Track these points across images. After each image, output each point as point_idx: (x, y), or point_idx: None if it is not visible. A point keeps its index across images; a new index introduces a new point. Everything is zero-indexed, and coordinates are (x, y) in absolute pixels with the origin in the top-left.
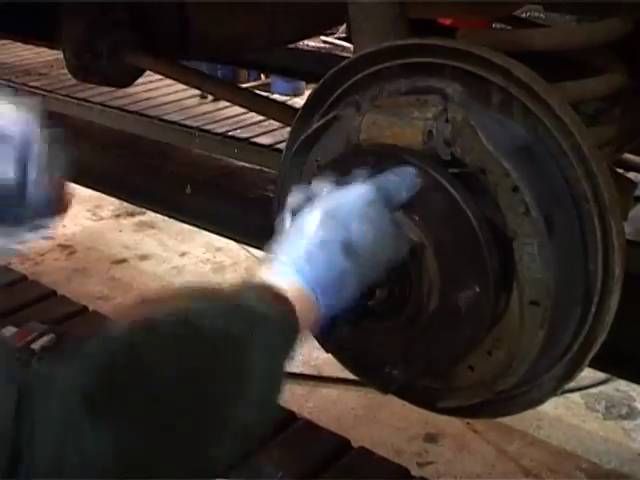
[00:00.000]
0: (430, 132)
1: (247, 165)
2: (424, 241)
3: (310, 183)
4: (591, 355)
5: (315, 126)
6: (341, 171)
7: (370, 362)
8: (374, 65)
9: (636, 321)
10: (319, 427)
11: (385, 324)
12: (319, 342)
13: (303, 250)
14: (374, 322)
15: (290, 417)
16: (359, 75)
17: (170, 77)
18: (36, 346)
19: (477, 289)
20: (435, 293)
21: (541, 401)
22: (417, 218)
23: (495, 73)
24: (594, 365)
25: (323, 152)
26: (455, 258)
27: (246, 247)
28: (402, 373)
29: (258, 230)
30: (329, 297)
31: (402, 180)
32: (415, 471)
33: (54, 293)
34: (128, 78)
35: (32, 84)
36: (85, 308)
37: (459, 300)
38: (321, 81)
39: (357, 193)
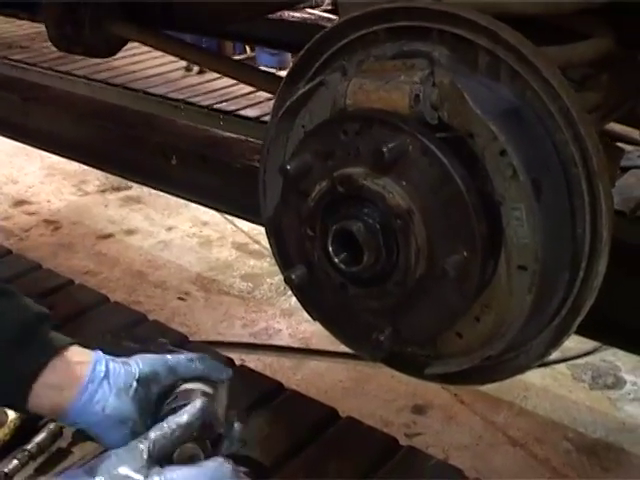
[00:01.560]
0: (417, 96)
1: (233, 135)
2: (411, 206)
3: (296, 149)
4: (579, 320)
5: (301, 91)
6: (327, 136)
7: (358, 329)
8: (360, 30)
9: (623, 289)
10: (307, 397)
11: (372, 290)
12: (305, 309)
13: None
14: (361, 288)
15: (278, 388)
16: (345, 40)
17: (155, 47)
18: None
19: (465, 254)
20: (422, 258)
21: (529, 367)
22: (404, 183)
23: (482, 36)
24: (582, 332)
25: (309, 117)
26: (442, 223)
27: (233, 221)
28: (389, 339)
29: (244, 201)
30: None
31: None
32: (403, 442)
33: (39, 266)
34: (112, 48)
35: (14, 57)
36: (71, 281)
37: (447, 265)
38: (306, 46)
39: None
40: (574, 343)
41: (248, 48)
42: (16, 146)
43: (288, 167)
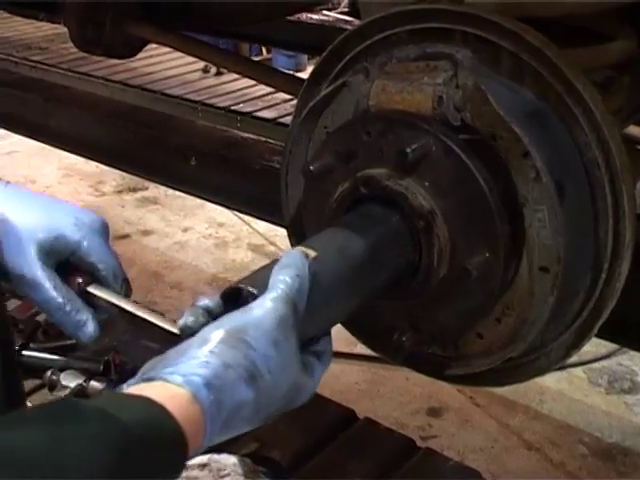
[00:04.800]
0: (440, 98)
1: (252, 136)
2: (434, 207)
3: (319, 150)
4: (600, 322)
5: (324, 93)
6: (350, 137)
7: (379, 330)
8: (383, 31)
9: None
10: (325, 398)
11: (395, 291)
12: None
13: (202, 371)
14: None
15: None
16: (368, 42)
17: (175, 48)
18: (40, 318)
19: (487, 254)
20: (445, 259)
21: (549, 369)
22: (427, 184)
23: (505, 38)
24: (602, 335)
25: (332, 119)
26: (465, 224)
27: (249, 223)
28: (411, 340)
29: (263, 202)
30: (217, 427)
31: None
32: (419, 445)
33: None
34: (131, 49)
35: (33, 58)
36: None
37: (469, 265)
38: (329, 48)
39: (265, 311)
40: (590, 347)
41: (264, 50)
42: (34, 146)
43: (311, 168)
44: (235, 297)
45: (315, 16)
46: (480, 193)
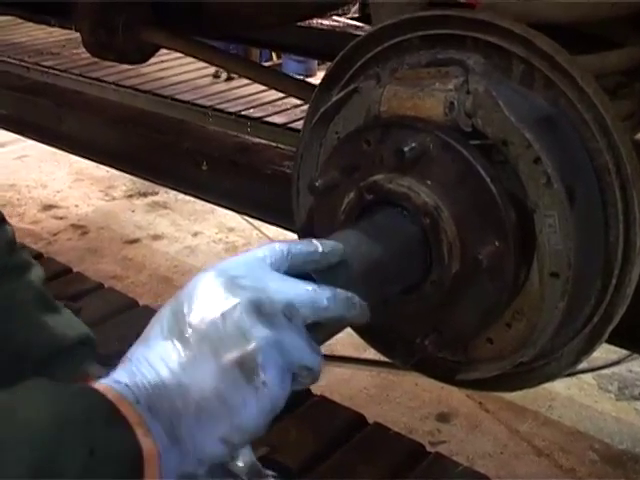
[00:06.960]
0: (451, 103)
1: (263, 141)
2: (439, 204)
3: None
4: (611, 328)
5: (335, 98)
6: (351, 149)
7: (394, 335)
8: (394, 37)
9: None
10: (335, 403)
11: (410, 294)
12: None
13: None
14: (399, 294)
15: (306, 393)
16: (379, 47)
17: (187, 54)
18: None
19: (497, 244)
20: (456, 254)
21: (559, 374)
22: (429, 182)
23: (516, 44)
24: (612, 340)
25: (343, 124)
26: (472, 218)
27: (259, 227)
28: (434, 344)
29: (274, 206)
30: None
31: None
32: (428, 450)
33: (70, 270)
34: (144, 55)
35: (44, 64)
36: (101, 285)
37: (480, 255)
38: (341, 54)
39: None
40: (600, 353)
41: (275, 55)
42: (45, 151)
43: (317, 184)
44: None
45: (325, 22)
46: (491, 199)
